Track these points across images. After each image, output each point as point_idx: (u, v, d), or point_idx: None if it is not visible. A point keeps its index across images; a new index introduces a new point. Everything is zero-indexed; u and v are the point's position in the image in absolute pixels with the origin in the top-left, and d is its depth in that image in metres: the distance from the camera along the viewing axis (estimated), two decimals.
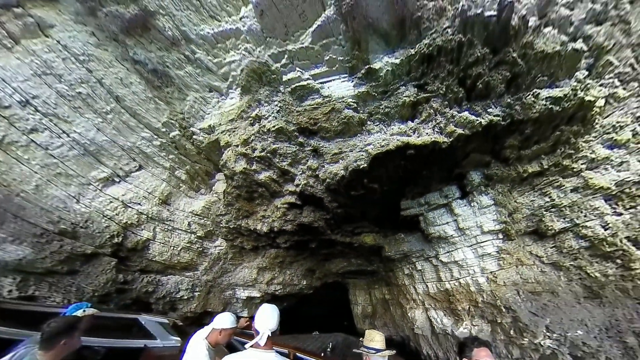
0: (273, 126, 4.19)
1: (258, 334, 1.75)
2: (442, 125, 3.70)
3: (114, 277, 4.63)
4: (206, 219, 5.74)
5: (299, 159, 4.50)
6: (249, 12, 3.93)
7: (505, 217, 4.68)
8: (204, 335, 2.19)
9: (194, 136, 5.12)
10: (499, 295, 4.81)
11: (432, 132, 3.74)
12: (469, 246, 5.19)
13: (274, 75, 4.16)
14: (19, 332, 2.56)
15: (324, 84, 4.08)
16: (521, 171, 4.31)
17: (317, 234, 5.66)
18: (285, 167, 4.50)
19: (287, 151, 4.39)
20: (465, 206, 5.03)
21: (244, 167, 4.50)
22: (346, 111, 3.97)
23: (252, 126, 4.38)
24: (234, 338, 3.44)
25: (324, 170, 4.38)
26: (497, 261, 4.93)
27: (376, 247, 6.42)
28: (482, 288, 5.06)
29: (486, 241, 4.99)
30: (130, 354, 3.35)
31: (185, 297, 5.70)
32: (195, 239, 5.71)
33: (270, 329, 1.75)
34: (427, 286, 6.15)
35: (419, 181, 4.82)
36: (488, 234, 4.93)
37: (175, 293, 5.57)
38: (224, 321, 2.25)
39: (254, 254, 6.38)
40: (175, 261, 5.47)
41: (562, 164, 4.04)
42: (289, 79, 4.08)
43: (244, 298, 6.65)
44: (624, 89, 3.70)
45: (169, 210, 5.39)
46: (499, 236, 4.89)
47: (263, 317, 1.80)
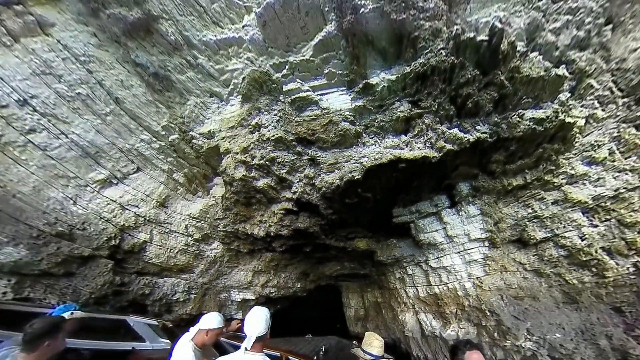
0: (272, 135, 4.30)
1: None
2: (432, 141, 3.89)
3: (111, 279, 4.63)
4: (203, 222, 5.77)
5: (297, 167, 4.63)
6: (251, 21, 3.99)
7: (491, 226, 4.94)
8: (190, 337, 2.13)
9: (193, 140, 5.15)
10: (484, 300, 5.06)
11: (423, 146, 3.93)
12: (457, 253, 5.43)
13: (275, 85, 4.26)
14: (2, 334, 2.44)
15: (322, 96, 4.22)
16: (506, 184, 4.56)
17: (312, 238, 5.79)
18: (283, 175, 4.62)
19: (286, 160, 4.51)
20: (454, 215, 5.26)
21: (243, 175, 4.59)
22: (343, 124, 4.12)
23: (252, 134, 4.48)
24: (225, 340, 3.40)
25: (320, 179, 4.52)
26: (483, 267, 5.18)
27: (369, 252, 6.57)
28: (469, 293, 5.30)
29: (473, 248, 5.24)
30: (117, 356, 3.22)
31: (182, 300, 5.73)
32: (192, 242, 5.74)
33: (258, 334, 1.75)
34: (417, 290, 6.37)
35: (410, 191, 5.01)
36: (475, 242, 5.18)
37: (172, 295, 5.58)
38: (210, 321, 2.17)
39: (250, 257, 6.46)
40: (171, 263, 5.49)
41: (544, 179, 4.29)
42: (289, 89, 4.20)
43: (239, 300, 6.71)
44: (602, 110, 3.94)
45: (166, 213, 5.41)
46: (485, 244, 5.15)
47: (251, 321, 1.80)
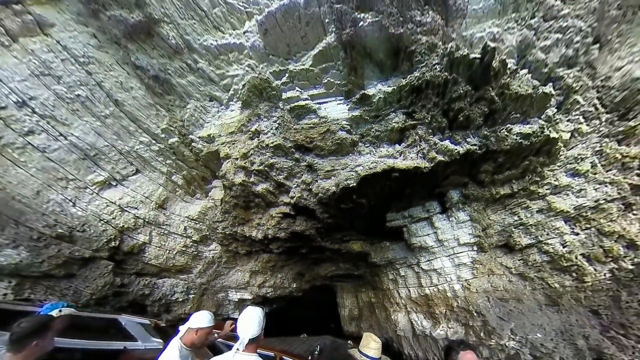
0: (272, 142, 4.41)
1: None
2: (425, 152, 4.06)
3: (112, 280, 4.71)
4: (202, 224, 5.85)
5: (295, 173, 4.75)
6: (252, 27, 4.03)
7: (480, 231, 5.17)
8: (180, 336, 2.07)
9: (192, 143, 5.20)
10: (471, 301, 5.31)
11: (416, 156, 4.09)
12: (447, 256, 5.66)
13: (274, 92, 4.34)
14: None
15: (321, 104, 4.33)
16: (494, 193, 4.77)
17: (308, 240, 5.94)
18: (282, 180, 4.74)
19: (284, 166, 4.63)
20: (444, 220, 5.48)
21: (242, 180, 4.69)
22: (340, 133, 4.25)
23: (251, 140, 4.57)
24: (221, 341, 3.35)
25: (317, 185, 4.65)
26: (471, 270, 5.43)
27: (363, 254, 6.77)
28: (457, 294, 5.54)
29: (462, 252, 5.48)
30: (109, 356, 3.14)
31: (180, 300, 5.83)
32: (191, 243, 5.83)
33: (251, 336, 1.71)
34: (409, 291, 6.60)
35: (403, 197, 5.20)
36: (464, 246, 5.42)
37: (171, 295, 5.68)
38: (199, 320, 2.11)
39: (247, 258, 6.58)
40: (170, 264, 5.58)
41: (530, 189, 4.51)
42: (288, 97, 4.28)
43: (236, 300, 6.85)
44: (587, 125, 4.13)
45: (165, 215, 5.48)
46: (474, 248, 5.39)
47: (244, 322, 1.75)
